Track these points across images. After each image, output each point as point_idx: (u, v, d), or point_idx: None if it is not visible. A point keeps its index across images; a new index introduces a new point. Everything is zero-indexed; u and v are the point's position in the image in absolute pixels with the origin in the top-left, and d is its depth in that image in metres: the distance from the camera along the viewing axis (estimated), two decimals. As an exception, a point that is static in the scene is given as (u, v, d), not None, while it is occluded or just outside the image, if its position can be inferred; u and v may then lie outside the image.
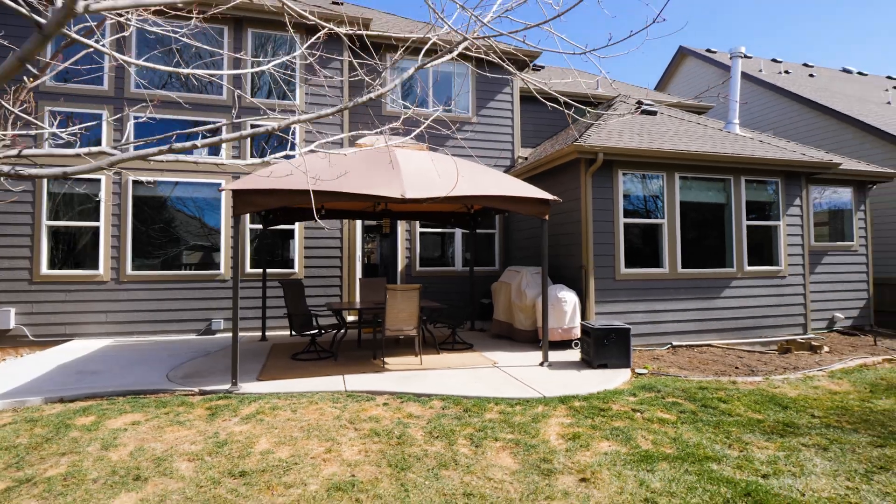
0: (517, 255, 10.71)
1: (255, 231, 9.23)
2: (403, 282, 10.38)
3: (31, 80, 3.35)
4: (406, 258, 10.49)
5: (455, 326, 7.82)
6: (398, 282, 10.37)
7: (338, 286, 9.72)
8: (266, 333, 8.52)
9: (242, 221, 9.15)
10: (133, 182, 8.62)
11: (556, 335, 7.36)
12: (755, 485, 3.23)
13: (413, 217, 9.51)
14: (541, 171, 9.05)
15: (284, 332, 9.03)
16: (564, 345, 7.55)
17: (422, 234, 10.66)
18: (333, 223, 9.69)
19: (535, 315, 7.73)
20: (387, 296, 6.33)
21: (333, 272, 9.71)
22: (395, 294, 6.35)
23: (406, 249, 10.51)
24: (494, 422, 4.39)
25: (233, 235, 6.00)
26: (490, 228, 11.07)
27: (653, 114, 10.04)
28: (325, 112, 2.86)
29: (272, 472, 3.44)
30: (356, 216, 9.20)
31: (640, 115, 9.72)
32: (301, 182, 5.02)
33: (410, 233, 10.53)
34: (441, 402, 4.94)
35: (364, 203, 8.65)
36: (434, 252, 10.91)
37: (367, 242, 10.24)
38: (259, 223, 8.68)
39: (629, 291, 7.89)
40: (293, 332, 6.94)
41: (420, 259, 10.59)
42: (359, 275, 10.19)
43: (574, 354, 7.14)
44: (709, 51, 18.66)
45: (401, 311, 6.47)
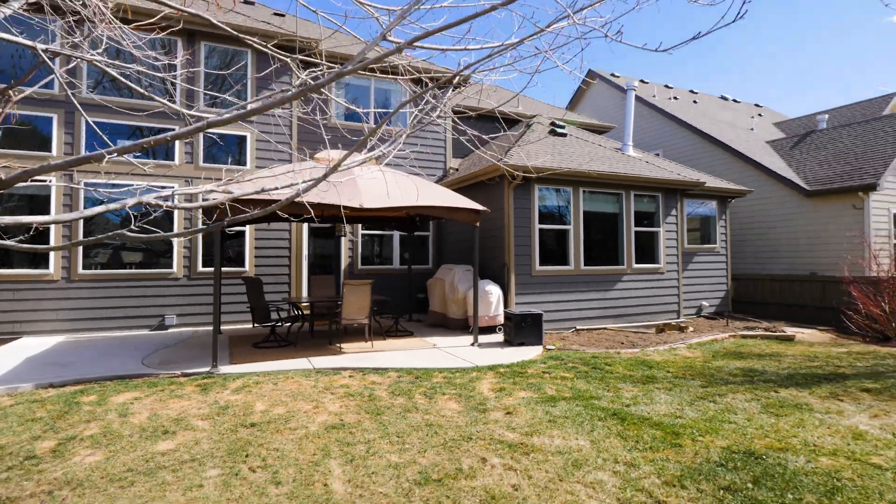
0: (449, 255, 12.09)
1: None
2: (347, 279, 11.37)
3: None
4: (349, 257, 11.50)
5: (398, 317, 9.04)
6: (341, 279, 11.35)
7: (286, 283, 10.54)
8: (221, 327, 9.19)
9: (195, 222, 9.71)
10: (85, 184, 8.91)
11: (484, 322, 8.81)
12: (621, 410, 4.79)
13: (358, 221, 10.55)
14: (470, 184, 10.49)
15: (237, 326, 9.72)
16: (491, 330, 9.02)
17: (364, 236, 11.72)
18: (282, 225, 10.49)
19: (466, 306, 9.13)
20: (344, 290, 7.40)
21: (282, 270, 10.51)
22: (352, 288, 7.45)
23: (349, 249, 11.52)
24: (441, 383, 5.68)
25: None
26: (425, 231, 12.35)
27: (563, 135, 11.85)
28: (258, 107, 3.92)
29: (276, 423, 4.48)
30: (305, 220, 10.09)
31: (553, 137, 11.48)
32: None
33: (353, 234, 11.55)
34: (396, 373, 6.15)
35: (317, 209, 9.56)
36: (375, 252, 12.00)
37: (312, 242, 11.14)
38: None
39: (543, 285, 9.53)
40: (255, 324, 7.79)
41: (362, 258, 11.64)
42: (305, 272, 11.05)
43: (498, 337, 8.63)
44: (613, 75, 21.29)
45: (355, 303, 7.57)
